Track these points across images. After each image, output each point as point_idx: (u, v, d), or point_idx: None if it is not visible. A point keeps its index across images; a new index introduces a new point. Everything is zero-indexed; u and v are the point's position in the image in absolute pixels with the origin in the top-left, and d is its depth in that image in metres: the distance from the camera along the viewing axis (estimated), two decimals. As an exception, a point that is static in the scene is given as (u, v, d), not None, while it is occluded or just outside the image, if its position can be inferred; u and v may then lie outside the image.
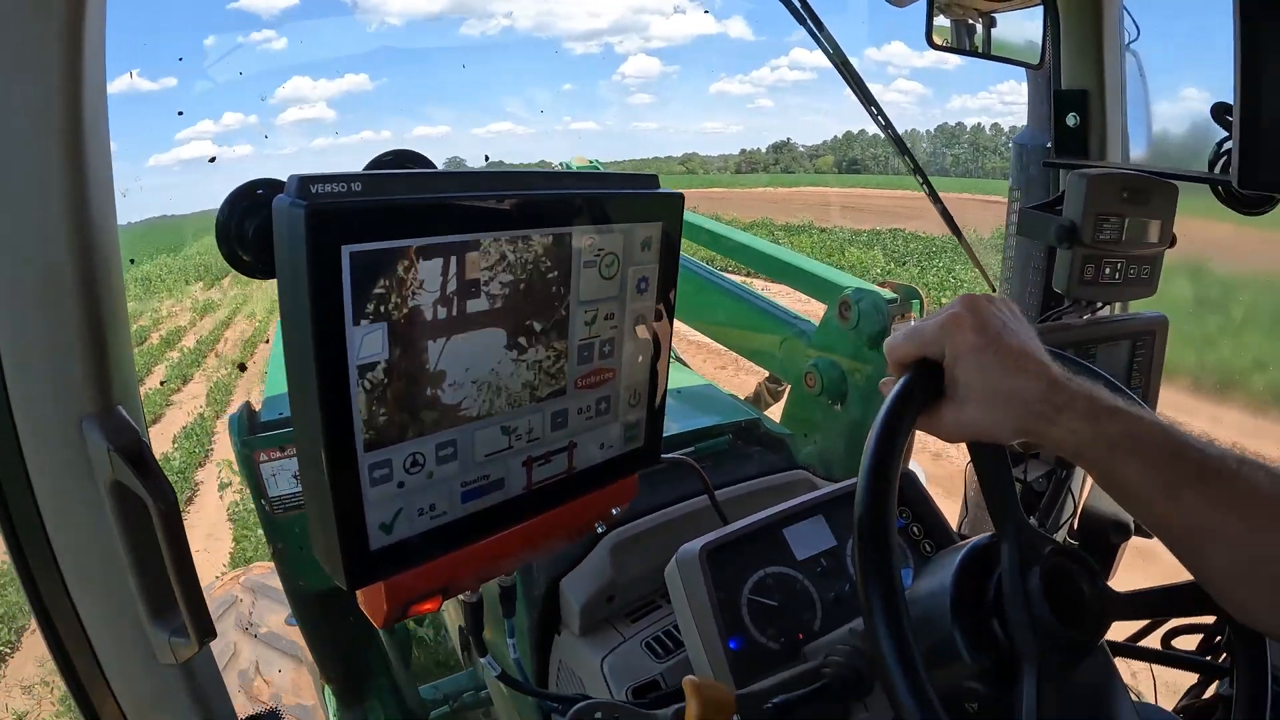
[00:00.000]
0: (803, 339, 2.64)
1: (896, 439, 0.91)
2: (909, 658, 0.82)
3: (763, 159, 52.83)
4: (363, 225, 0.68)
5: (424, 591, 0.89)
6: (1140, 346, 2.08)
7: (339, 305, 0.67)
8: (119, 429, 0.92)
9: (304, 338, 0.67)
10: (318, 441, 0.70)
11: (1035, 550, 0.96)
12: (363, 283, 0.69)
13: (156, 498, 0.90)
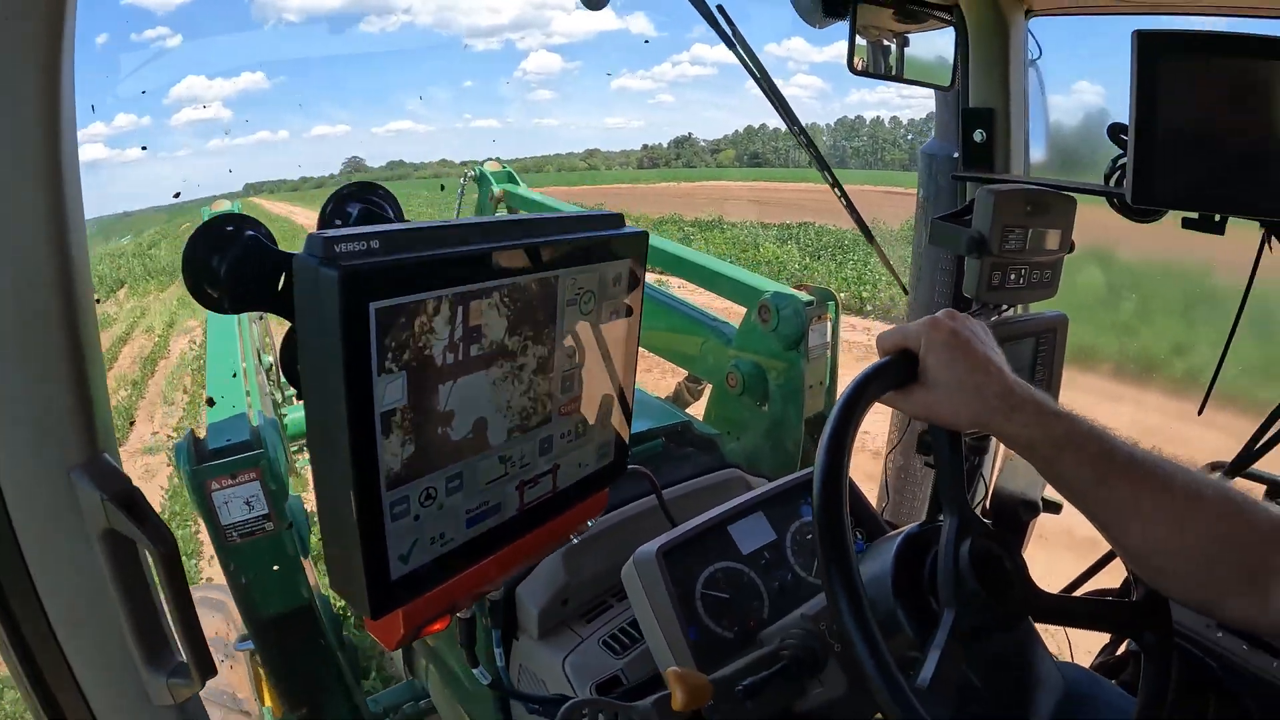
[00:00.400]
0: (723, 341, 2.77)
1: (863, 399, 1.09)
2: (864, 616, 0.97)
3: (664, 154, 53.16)
4: (387, 282, 0.75)
5: (434, 613, 0.96)
6: (1043, 343, 2.26)
7: (367, 358, 0.74)
8: (109, 476, 0.96)
9: (334, 388, 0.74)
10: (346, 483, 0.77)
11: (970, 528, 1.12)
12: (386, 336, 0.76)
13: (156, 541, 0.94)
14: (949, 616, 1.04)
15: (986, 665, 1.19)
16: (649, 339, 3.13)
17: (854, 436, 1.08)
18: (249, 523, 2.09)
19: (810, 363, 2.54)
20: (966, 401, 1.09)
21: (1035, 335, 2.24)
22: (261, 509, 2.08)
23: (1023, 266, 2.15)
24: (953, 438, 1.15)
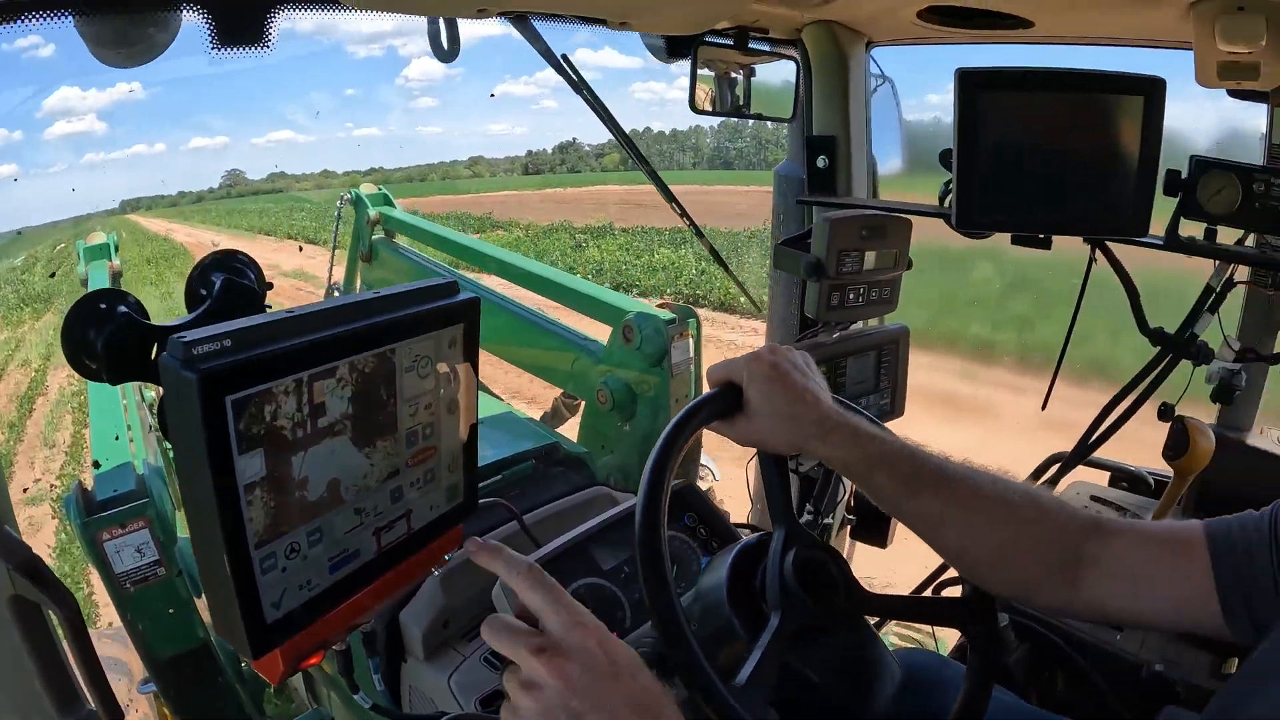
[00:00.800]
0: (592, 359, 2.91)
1: (687, 428, 1.25)
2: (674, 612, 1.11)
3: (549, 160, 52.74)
4: (239, 377, 0.89)
5: (309, 649, 1.09)
6: (885, 355, 2.48)
7: (227, 441, 0.88)
8: (12, 548, 1.08)
9: (201, 469, 0.88)
10: (220, 547, 0.91)
11: (796, 539, 1.28)
12: (241, 421, 0.90)
13: (60, 604, 1.06)
14: (774, 620, 1.20)
15: (824, 663, 1.31)
16: (524, 357, 3.29)
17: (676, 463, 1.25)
18: (141, 570, 2.16)
19: (675, 378, 2.68)
20: (786, 428, 1.27)
21: (878, 348, 2.45)
22: (152, 555, 2.15)
23: (861, 286, 2.34)
24: (778, 460, 1.34)
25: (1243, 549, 1.18)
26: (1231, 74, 2.03)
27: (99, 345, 1.30)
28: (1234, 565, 1.18)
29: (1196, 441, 2.21)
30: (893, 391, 2.55)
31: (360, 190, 4.91)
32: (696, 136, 20.47)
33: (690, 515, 1.89)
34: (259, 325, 0.94)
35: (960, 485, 1.27)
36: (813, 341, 2.38)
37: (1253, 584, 1.16)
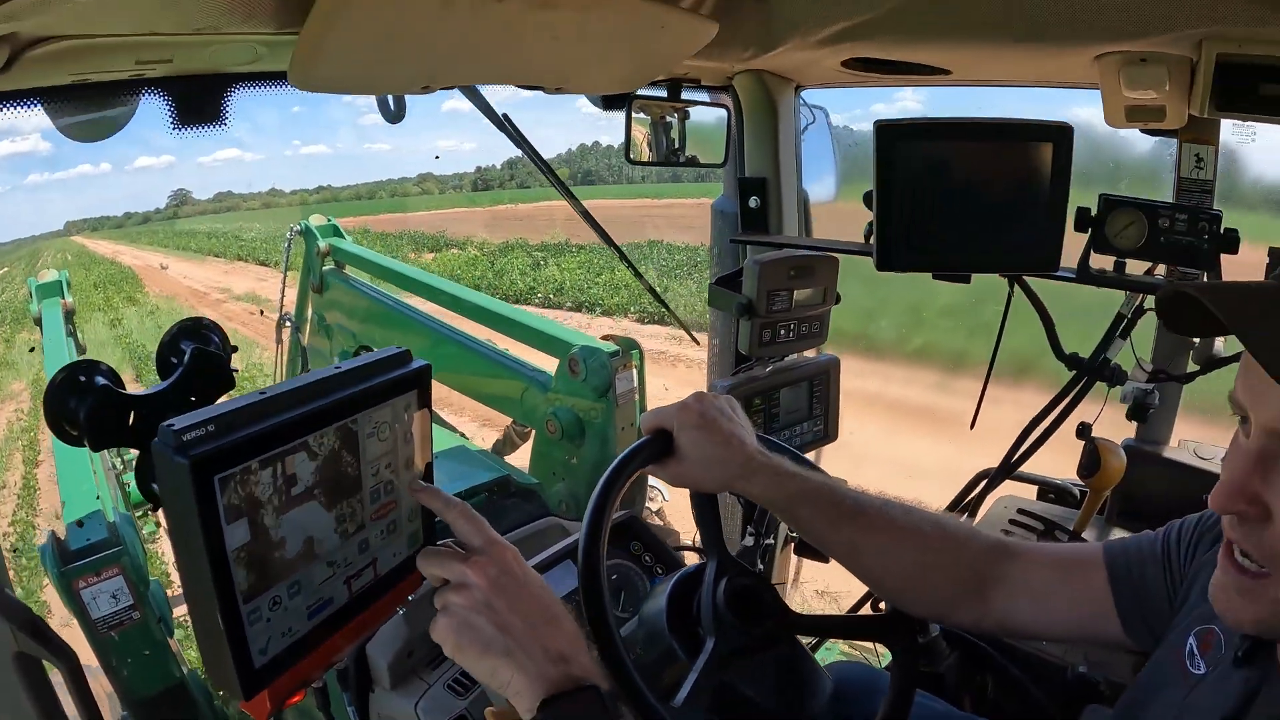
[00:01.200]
0: (541, 390, 3.03)
1: (625, 473, 1.38)
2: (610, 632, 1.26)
3: (498, 175, 52.32)
4: (224, 459, 1.01)
5: (292, 688, 1.21)
6: (817, 384, 2.63)
7: (216, 514, 1.00)
8: (14, 609, 1.19)
9: (195, 538, 1.00)
10: (213, 603, 1.03)
11: (727, 569, 1.42)
12: (226, 496, 1.02)
13: (61, 659, 1.18)
14: (709, 644, 1.34)
15: (759, 681, 1.45)
16: (477, 387, 3.40)
17: (615, 505, 1.39)
18: (117, 614, 2.24)
19: (620, 408, 2.81)
20: (714, 471, 1.41)
21: (810, 378, 2.60)
22: (127, 600, 2.24)
23: (791, 323, 2.47)
24: (708, 498, 1.48)
25: (1138, 568, 1.33)
26: (1139, 116, 2.17)
27: (80, 415, 1.40)
28: (1130, 583, 1.33)
29: (1107, 460, 2.37)
30: (825, 418, 2.71)
31: (310, 222, 4.98)
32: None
33: (635, 543, 2.03)
34: (237, 410, 1.06)
35: (876, 517, 1.43)
36: (747, 375, 2.52)
37: (1148, 599, 1.32)
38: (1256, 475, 0.92)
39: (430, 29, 1.40)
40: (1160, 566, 1.32)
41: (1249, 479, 0.93)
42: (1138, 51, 1.88)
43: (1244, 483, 0.93)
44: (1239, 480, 0.94)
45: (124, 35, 1.30)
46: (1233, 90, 1.78)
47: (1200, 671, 1.16)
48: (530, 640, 1.14)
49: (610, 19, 1.64)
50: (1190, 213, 2.14)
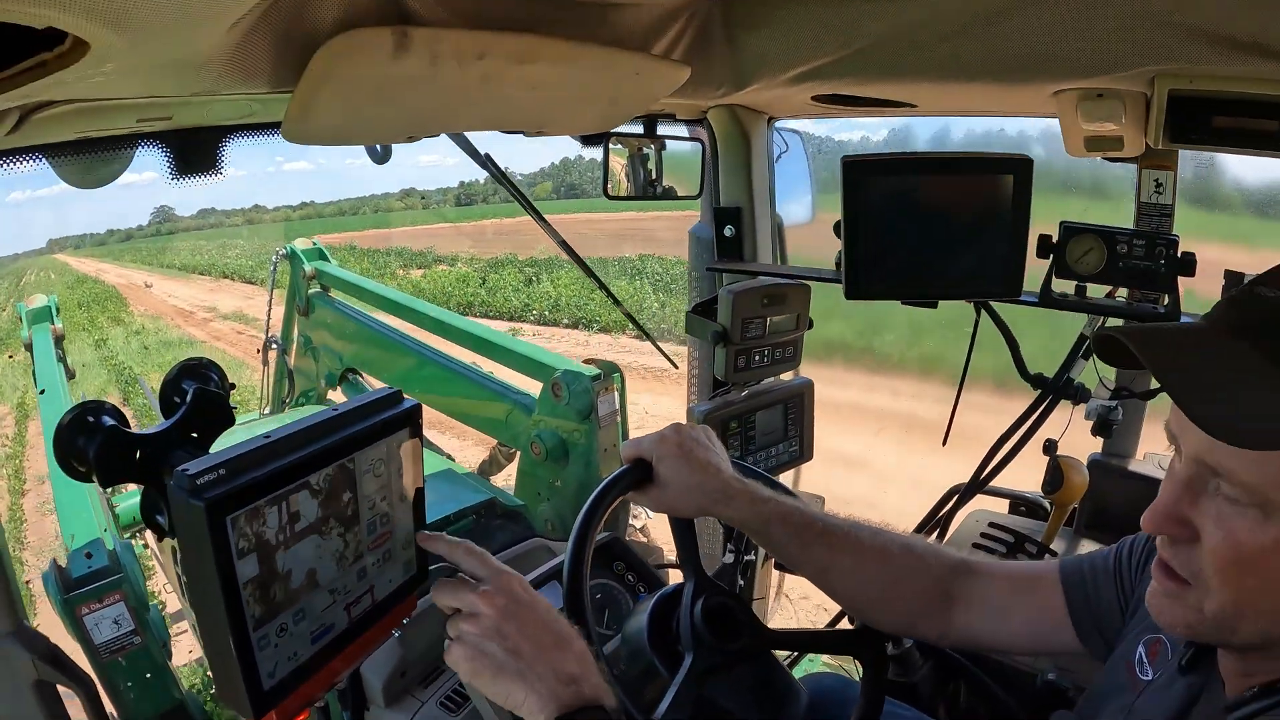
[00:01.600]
0: (525, 412, 3.09)
1: (606, 500, 1.47)
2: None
3: (482, 190, 51.85)
4: (235, 501, 1.10)
5: (297, 708, 1.30)
6: (792, 407, 2.72)
7: (229, 550, 1.09)
8: (34, 640, 1.28)
9: (210, 574, 1.08)
10: (226, 632, 1.11)
11: (704, 588, 1.51)
12: (237, 534, 1.11)
13: (80, 687, 1.26)
14: (687, 660, 1.43)
15: (736, 694, 1.54)
16: (462, 410, 3.46)
17: (597, 530, 1.48)
18: (119, 639, 2.31)
19: (602, 429, 2.88)
20: (693, 497, 1.50)
21: (784, 401, 2.69)
22: (129, 625, 2.31)
23: (765, 348, 2.56)
24: (685, 522, 1.57)
25: (1091, 583, 1.43)
26: (1097, 146, 2.24)
27: (90, 454, 1.49)
28: (1084, 597, 1.43)
29: (1070, 476, 2.47)
30: (800, 439, 2.80)
31: (295, 245, 5.01)
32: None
33: (619, 564, 2.12)
34: (245, 454, 1.14)
35: (844, 538, 1.53)
36: (724, 399, 2.62)
37: (1101, 611, 1.42)
38: (1185, 499, 1.00)
39: (417, 85, 1.48)
40: (1112, 580, 1.42)
41: (1178, 503, 1.01)
42: (1093, 88, 1.94)
43: (1173, 507, 1.01)
44: (1169, 504, 1.02)
45: (128, 98, 1.38)
46: (1186, 123, 1.84)
47: (1148, 678, 1.25)
48: (541, 662, 1.21)
49: (587, 69, 1.73)
50: (1147, 238, 2.21)
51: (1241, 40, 1.56)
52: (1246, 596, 0.97)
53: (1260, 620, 0.98)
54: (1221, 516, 0.96)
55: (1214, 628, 1.02)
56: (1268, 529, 0.92)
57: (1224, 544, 0.96)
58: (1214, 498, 0.98)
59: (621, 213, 26.46)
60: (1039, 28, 1.72)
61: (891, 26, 1.85)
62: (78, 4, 0.77)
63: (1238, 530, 0.94)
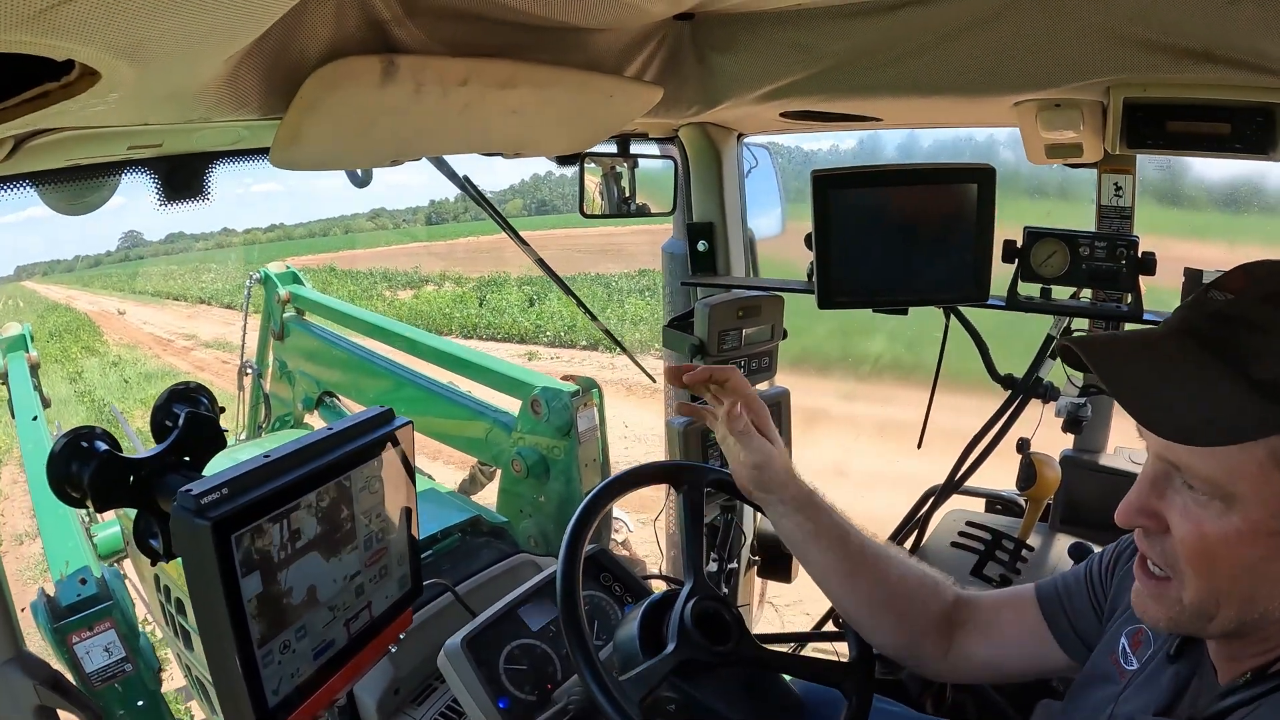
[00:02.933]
0: (505, 430, 3.08)
1: (591, 517, 1.51)
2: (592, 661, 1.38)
3: (453, 208, 51.36)
4: (239, 519, 1.14)
5: None
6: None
7: (233, 569, 1.13)
8: (35, 666, 1.31)
9: (215, 591, 1.12)
10: (232, 649, 1.15)
11: (699, 591, 1.55)
12: (241, 551, 1.14)
13: (81, 708, 1.29)
14: (669, 648, 1.47)
15: (726, 694, 1.56)
16: (442, 429, 3.46)
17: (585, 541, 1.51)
18: (110, 667, 2.32)
19: (582, 445, 2.89)
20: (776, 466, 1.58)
21: (764, 411, 2.73)
22: (120, 653, 2.31)
23: (742, 359, 2.60)
24: (700, 523, 1.60)
25: (1064, 596, 1.49)
26: (1058, 154, 2.30)
27: (84, 479, 1.51)
28: (1061, 609, 1.49)
29: (1043, 473, 2.53)
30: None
31: (269, 269, 4.96)
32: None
33: (605, 575, 2.15)
34: (247, 473, 1.18)
35: (852, 545, 1.55)
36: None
37: (1079, 621, 1.47)
38: (1153, 494, 1.06)
39: (402, 111, 1.52)
40: (1086, 593, 1.47)
41: (1147, 498, 1.06)
42: (1052, 98, 2.00)
43: (1143, 501, 1.07)
44: (1139, 499, 1.07)
45: (121, 126, 1.41)
46: (1142, 129, 1.90)
47: (1133, 667, 1.30)
48: None
49: (563, 92, 1.77)
50: (1109, 240, 2.25)
51: (1192, 49, 1.62)
52: (1219, 585, 1.02)
53: (1233, 608, 1.03)
54: (1187, 509, 1.02)
55: (1193, 618, 1.06)
56: (1230, 519, 0.97)
57: (1192, 535, 1.01)
58: (1179, 491, 1.03)
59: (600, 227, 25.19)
60: (998, 43, 1.78)
61: (856, 45, 1.91)
62: (100, 37, 0.80)
63: (1203, 521, 1.00)
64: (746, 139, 3.06)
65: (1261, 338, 0.95)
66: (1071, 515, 2.84)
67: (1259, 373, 0.93)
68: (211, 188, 1.85)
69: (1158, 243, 2.28)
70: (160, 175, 1.76)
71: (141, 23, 0.80)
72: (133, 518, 1.53)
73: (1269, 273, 0.99)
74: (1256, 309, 0.96)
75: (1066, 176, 2.87)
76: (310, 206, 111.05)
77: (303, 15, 1.24)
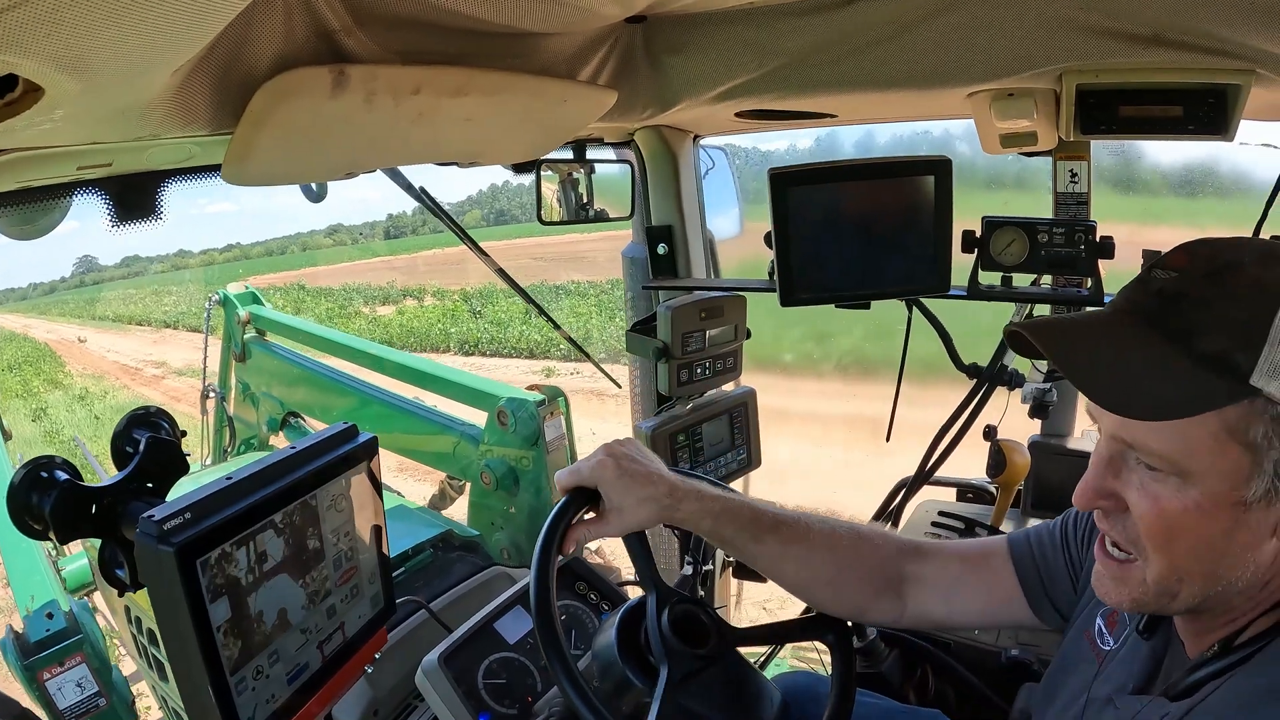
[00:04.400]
0: (472, 443, 3.06)
1: (556, 535, 1.46)
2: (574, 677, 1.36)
3: (410, 221, 50.87)
4: (203, 544, 1.11)
5: None
6: (736, 416, 2.77)
7: (200, 595, 1.11)
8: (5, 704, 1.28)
9: (183, 620, 1.09)
10: (204, 679, 1.13)
11: (667, 598, 1.53)
12: (207, 576, 1.12)
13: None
14: (663, 673, 1.44)
15: (711, 700, 1.53)
16: (408, 445, 3.43)
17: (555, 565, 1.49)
18: (84, 703, 2.27)
19: (551, 454, 2.87)
20: (645, 510, 1.49)
21: (729, 411, 2.73)
22: (92, 688, 2.26)
23: (706, 361, 2.60)
24: (638, 536, 1.59)
25: (1040, 555, 1.49)
26: (1013, 143, 2.31)
27: (45, 510, 1.47)
28: (1035, 570, 1.49)
29: (1012, 459, 2.55)
30: (748, 446, 2.86)
31: (227, 291, 4.90)
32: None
33: (580, 584, 2.14)
34: (209, 496, 1.16)
35: (793, 528, 1.55)
36: (670, 414, 2.65)
37: (1052, 582, 1.48)
38: (1109, 474, 1.07)
39: (354, 122, 1.50)
40: (1060, 551, 1.48)
41: (1102, 478, 1.08)
42: (1005, 88, 2.00)
43: (1099, 482, 1.08)
44: (1094, 480, 1.09)
45: (70, 146, 1.38)
46: (1095, 115, 1.91)
47: (1109, 647, 1.31)
48: None
49: (517, 99, 1.76)
50: (1066, 226, 2.27)
51: (1140, 34, 1.64)
52: (1180, 561, 1.03)
53: (1196, 584, 1.04)
54: (1144, 486, 1.03)
55: (1157, 597, 1.07)
56: (1188, 493, 0.99)
57: (1150, 511, 1.03)
58: (1135, 469, 1.04)
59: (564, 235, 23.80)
60: (950, 36, 1.79)
61: (809, 42, 1.91)
62: (40, 50, 0.79)
63: (1161, 497, 1.01)
64: (702, 141, 3.06)
65: (1205, 313, 0.97)
66: (1042, 499, 2.86)
67: (1205, 346, 0.95)
68: (164, 207, 1.81)
69: (1115, 229, 2.29)
70: (112, 195, 1.73)
71: (82, 35, 0.79)
72: (98, 548, 1.50)
73: (1210, 250, 1.01)
74: (1199, 285, 0.98)
75: (1023, 167, 2.89)
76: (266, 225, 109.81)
77: (250, 27, 1.21)
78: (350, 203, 65.45)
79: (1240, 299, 0.95)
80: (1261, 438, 0.94)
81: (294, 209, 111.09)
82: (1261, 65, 1.67)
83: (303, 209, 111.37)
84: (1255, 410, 0.94)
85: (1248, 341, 0.93)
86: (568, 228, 2.94)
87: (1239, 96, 1.75)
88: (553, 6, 1.49)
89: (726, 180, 3.27)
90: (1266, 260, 0.96)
